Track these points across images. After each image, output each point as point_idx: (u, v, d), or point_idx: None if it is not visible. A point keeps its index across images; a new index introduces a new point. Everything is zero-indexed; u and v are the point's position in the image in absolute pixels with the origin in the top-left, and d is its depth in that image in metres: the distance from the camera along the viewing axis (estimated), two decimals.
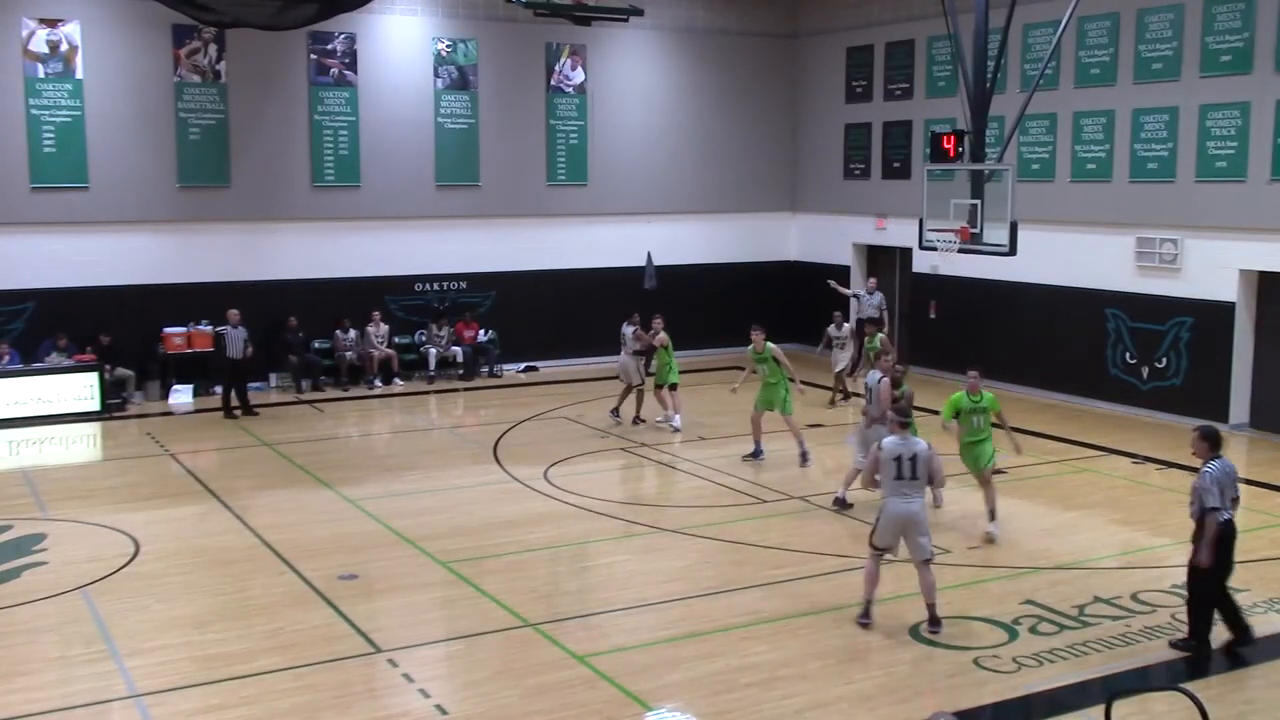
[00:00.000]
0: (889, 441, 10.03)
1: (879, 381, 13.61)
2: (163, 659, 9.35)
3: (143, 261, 19.92)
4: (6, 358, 18.45)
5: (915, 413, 11.33)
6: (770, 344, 15.53)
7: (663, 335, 17.49)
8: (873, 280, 21.86)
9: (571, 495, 14.04)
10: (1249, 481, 15.00)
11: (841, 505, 13.35)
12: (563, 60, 22.80)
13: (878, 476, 10.04)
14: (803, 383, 17.02)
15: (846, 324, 19.93)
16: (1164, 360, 18.18)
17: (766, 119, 24.82)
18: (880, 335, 17.92)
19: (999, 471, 15.20)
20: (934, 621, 9.91)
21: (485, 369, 22.21)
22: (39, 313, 19.11)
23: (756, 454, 15.61)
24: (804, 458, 15.36)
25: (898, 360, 14.81)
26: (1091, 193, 19.04)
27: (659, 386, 17.74)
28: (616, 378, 18.52)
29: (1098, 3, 18.48)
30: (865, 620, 10.05)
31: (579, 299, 19.82)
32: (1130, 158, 18.45)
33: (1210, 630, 9.55)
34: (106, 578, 11.23)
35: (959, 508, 13.23)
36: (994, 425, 12.66)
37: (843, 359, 19.66)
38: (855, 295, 21.72)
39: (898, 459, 9.83)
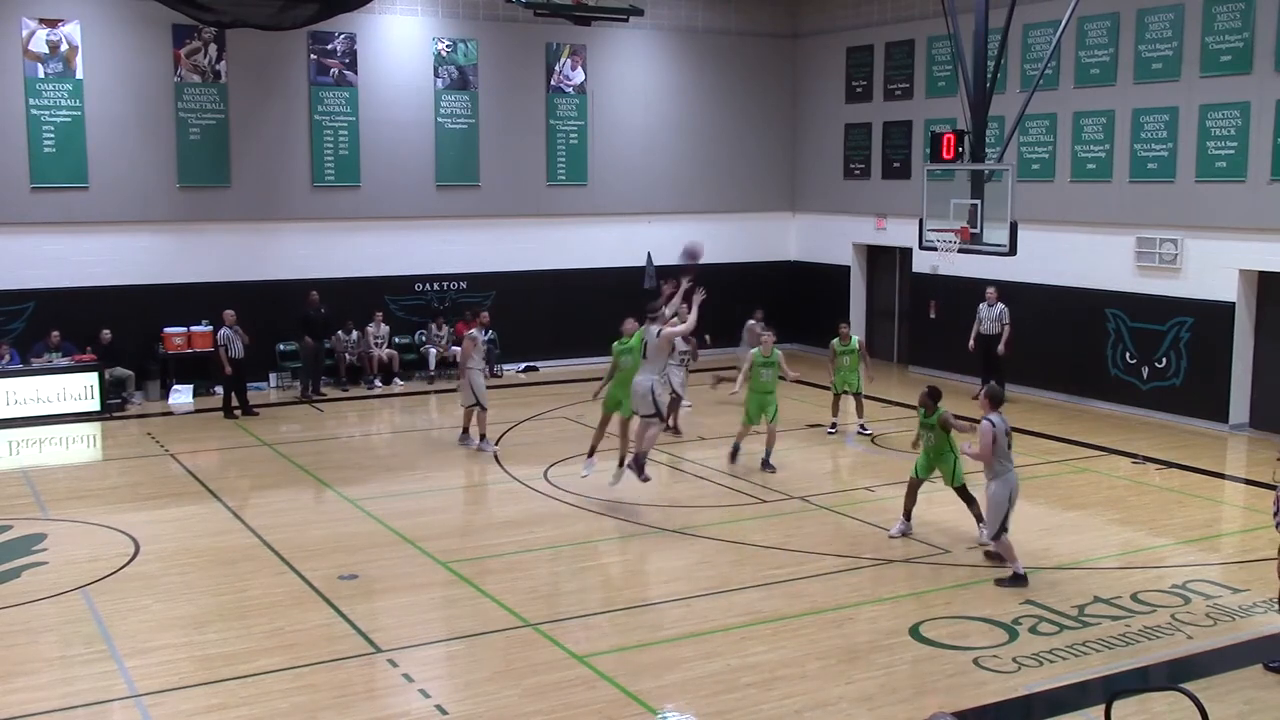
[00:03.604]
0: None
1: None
2: (163, 659, 9.34)
3: (143, 261, 19.91)
4: (7, 358, 18.45)
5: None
6: (777, 349, 15.27)
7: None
8: (992, 290, 19.11)
9: (571, 495, 14.04)
10: (1248, 481, 15.02)
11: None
12: (563, 60, 22.80)
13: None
14: (803, 382, 17.09)
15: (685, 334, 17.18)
16: (1164, 360, 18.18)
17: (766, 119, 24.81)
18: (856, 338, 17.17)
19: None
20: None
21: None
22: (39, 313, 19.09)
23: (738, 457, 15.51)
24: (766, 464, 15.16)
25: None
26: (1091, 193, 19.03)
27: None
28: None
29: (1098, 3, 18.48)
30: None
31: (579, 299, 19.84)
32: (1130, 158, 18.44)
33: None
34: (106, 578, 11.23)
35: (958, 507, 13.22)
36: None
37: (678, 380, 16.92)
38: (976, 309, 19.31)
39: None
